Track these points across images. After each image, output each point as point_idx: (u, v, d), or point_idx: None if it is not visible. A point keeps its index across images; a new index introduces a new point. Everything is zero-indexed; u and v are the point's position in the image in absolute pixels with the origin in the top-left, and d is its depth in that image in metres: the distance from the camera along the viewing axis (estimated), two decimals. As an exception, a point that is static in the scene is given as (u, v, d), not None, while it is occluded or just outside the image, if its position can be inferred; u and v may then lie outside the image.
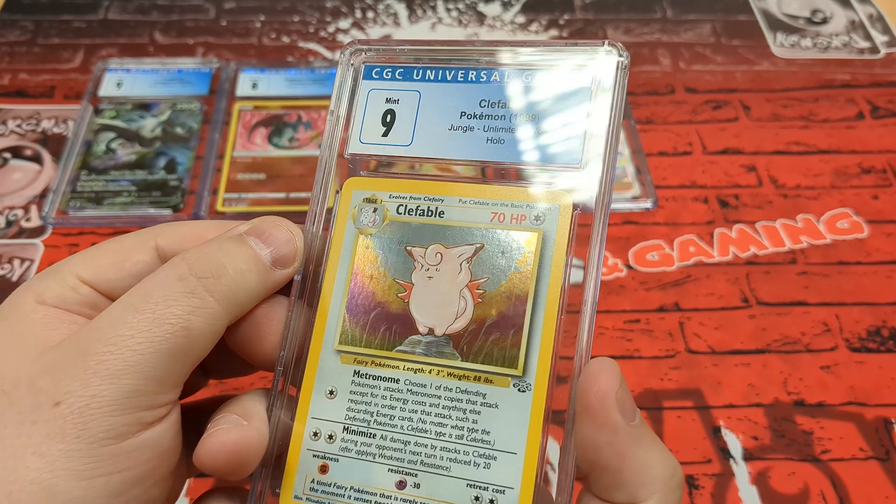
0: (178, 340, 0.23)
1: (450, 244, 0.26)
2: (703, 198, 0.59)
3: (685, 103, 0.66)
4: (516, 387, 0.25)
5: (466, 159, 0.27)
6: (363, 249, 0.27)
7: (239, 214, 0.57)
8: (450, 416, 0.25)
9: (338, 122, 0.28)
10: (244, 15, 0.75)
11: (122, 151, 0.61)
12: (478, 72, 0.27)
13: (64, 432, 0.22)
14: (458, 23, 0.74)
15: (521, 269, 0.25)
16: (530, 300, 0.25)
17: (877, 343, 0.50)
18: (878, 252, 0.55)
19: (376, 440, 0.25)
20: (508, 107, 0.27)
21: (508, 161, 0.27)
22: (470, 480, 0.24)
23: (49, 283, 0.25)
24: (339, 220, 0.28)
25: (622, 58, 0.26)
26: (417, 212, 0.27)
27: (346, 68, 0.29)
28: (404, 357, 0.26)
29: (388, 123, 0.28)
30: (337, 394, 0.26)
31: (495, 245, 0.26)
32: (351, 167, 0.28)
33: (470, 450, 0.24)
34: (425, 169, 0.28)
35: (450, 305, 0.26)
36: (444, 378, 0.25)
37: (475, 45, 0.28)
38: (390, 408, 0.25)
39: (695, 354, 0.50)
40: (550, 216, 0.26)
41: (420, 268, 0.26)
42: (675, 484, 0.23)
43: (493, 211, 0.26)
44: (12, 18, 0.74)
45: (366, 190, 0.28)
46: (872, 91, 0.67)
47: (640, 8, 0.76)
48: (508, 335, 0.25)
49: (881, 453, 0.45)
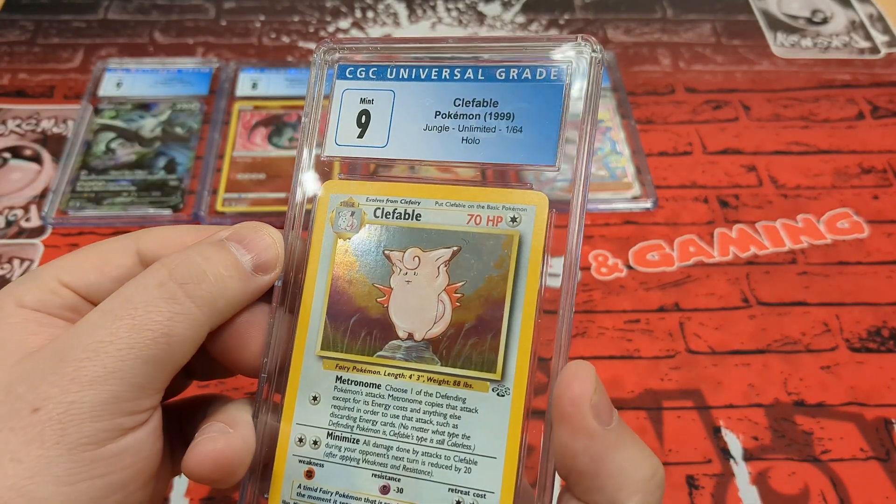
0: (159, 347, 0.23)
1: (427, 247, 0.26)
2: (703, 198, 0.59)
3: (685, 103, 0.66)
4: (495, 391, 0.25)
5: (442, 160, 0.27)
6: (342, 254, 0.27)
7: (239, 214, 0.57)
8: (430, 420, 0.25)
9: (313, 124, 0.28)
10: (244, 15, 0.75)
11: (121, 151, 0.61)
12: (451, 69, 0.27)
13: (42, 438, 0.21)
14: (459, 22, 0.74)
15: (498, 272, 0.25)
16: (507, 303, 0.25)
17: (877, 343, 0.50)
18: (878, 252, 0.55)
19: (360, 445, 0.25)
20: (482, 105, 0.26)
21: (484, 161, 0.26)
22: (451, 485, 0.24)
23: (29, 287, 0.25)
24: (317, 225, 0.27)
25: (595, 53, 0.25)
26: (394, 215, 0.27)
27: (319, 68, 0.28)
28: (385, 362, 0.26)
29: (363, 124, 0.27)
30: (320, 400, 0.26)
31: (472, 248, 0.26)
32: (327, 170, 0.28)
33: (451, 454, 0.25)
34: (402, 171, 0.27)
35: (428, 310, 0.26)
36: (424, 383, 0.25)
37: (448, 42, 0.27)
38: (372, 413, 0.25)
39: (695, 354, 0.50)
40: (527, 217, 0.25)
41: (398, 272, 0.26)
42: (655, 484, 0.23)
43: (469, 213, 0.26)
44: (12, 18, 0.74)
45: (343, 193, 0.27)
46: (873, 91, 0.67)
47: (640, 8, 0.76)
48: (487, 339, 0.25)
49: (881, 453, 0.45)
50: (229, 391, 0.46)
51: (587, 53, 0.25)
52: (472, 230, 0.26)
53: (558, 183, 0.25)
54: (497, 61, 0.26)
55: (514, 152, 0.26)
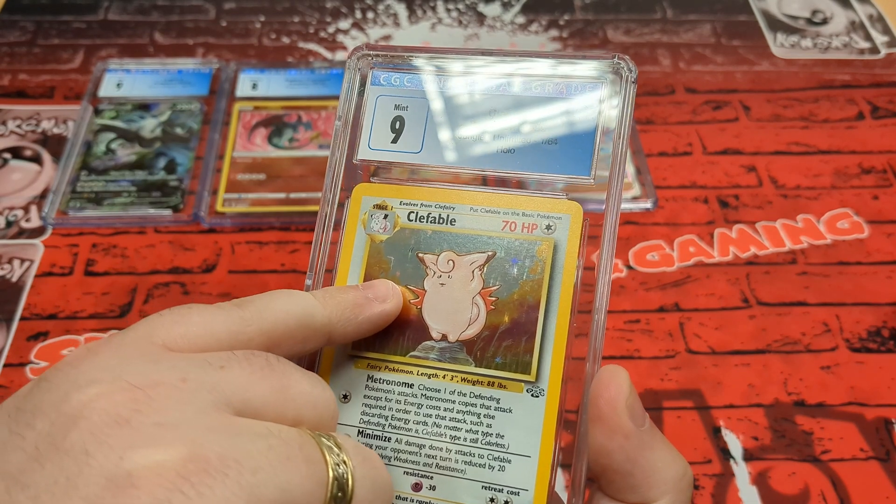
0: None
1: (461, 251, 0.27)
2: (703, 198, 0.59)
3: (685, 104, 0.66)
4: (529, 392, 0.25)
5: (477, 168, 0.27)
6: (374, 255, 0.27)
7: (239, 214, 0.57)
8: (464, 420, 0.25)
9: (346, 128, 0.28)
10: (244, 15, 0.75)
11: (122, 152, 0.61)
12: (487, 81, 0.28)
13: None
14: (458, 23, 0.74)
15: (533, 278, 0.26)
16: (542, 307, 0.26)
17: (877, 343, 0.50)
18: (878, 252, 0.55)
19: (391, 444, 0.26)
20: (518, 117, 0.27)
21: (519, 171, 0.27)
22: (485, 482, 0.25)
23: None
24: (349, 226, 0.28)
25: (631, 72, 0.26)
26: (429, 219, 0.27)
27: (353, 73, 0.29)
28: (418, 362, 0.26)
29: (397, 130, 0.28)
30: (351, 398, 0.26)
31: (507, 253, 0.26)
32: (360, 173, 0.29)
33: (485, 453, 0.25)
34: (435, 176, 0.28)
35: (463, 312, 0.26)
36: (458, 383, 0.26)
37: (484, 55, 0.28)
38: (405, 412, 0.26)
39: (695, 355, 0.50)
40: (561, 226, 0.26)
41: (432, 274, 0.27)
42: (685, 484, 0.24)
43: (504, 219, 0.27)
44: (12, 19, 0.74)
45: (376, 196, 0.28)
46: (872, 91, 0.67)
47: (640, 8, 0.76)
48: (521, 342, 0.25)
49: (881, 453, 0.45)
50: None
51: (623, 72, 0.26)
52: (507, 236, 0.27)
53: (592, 194, 0.26)
54: (534, 75, 0.27)
55: (549, 163, 0.27)
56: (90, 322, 0.51)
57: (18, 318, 0.51)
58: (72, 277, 0.54)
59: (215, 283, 0.53)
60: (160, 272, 0.54)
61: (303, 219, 0.57)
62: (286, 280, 0.53)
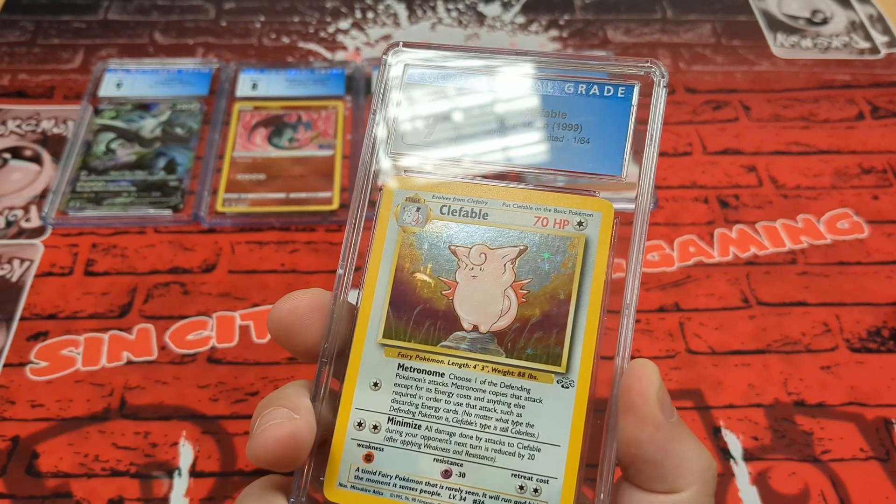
0: None
1: (494, 245, 0.27)
2: (703, 198, 0.59)
3: (685, 103, 0.66)
4: (560, 383, 0.26)
5: (509, 164, 0.28)
6: (407, 247, 0.28)
7: (239, 215, 0.57)
8: (494, 409, 0.26)
9: (381, 122, 0.29)
10: (244, 15, 0.75)
11: (121, 152, 0.61)
12: (521, 80, 0.29)
13: None
14: (458, 23, 0.74)
15: (565, 272, 0.27)
16: (573, 301, 0.27)
17: (877, 343, 0.50)
18: (878, 252, 0.55)
19: (421, 431, 0.26)
20: (551, 116, 0.28)
21: (552, 168, 0.28)
22: (514, 470, 0.25)
23: None
24: (381, 218, 0.28)
25: (663, 77, 0.28)
26: (461, 213, 0.28)
27: (387, 69, 0.29)
28: (449, 352, 0.27)
29: (430, 126, 0.29)
30: (381, 386, 0.27)
31: (539, 248, 0.27)
32: (393, 167, 0.29)
33: (514, 441, 0.26)
34: (468, 171, 0.29)
35: (494, 304, 0.27)
36: (489, 373, 0.26)
37: (518, 55, 0.29)
38: (435, 400, 0.26)
39: (695, 355, 0.50)
40: (593, 223, 0.27)
41: (464, 266, 0.27)
42: (711, 475, 0.25)
43: (536, 215, 0.27)
44: (12, 19, 0.74)
45: (408, 189, 0.28)
46: (872, 91, 0.67)
47: (640, 8, 0.76)
48: (552, 334, 0.26)
49: (881, 454, 0.45)
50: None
51: (655, 76, 0.28)
52: (539, 231, 0.27)
53: (624, 192, 0.28)
54: (567, 76, 0.28)
55: (581, 161, 0.28)
56: (90, 322, 0.51)
57: (18, 318, 0.51)
58: (72, 277, 0.54)
59: (215, 283, 0.53)
60: (160, 272, 0.54)
61: (303, 219, 0.57)
62: (286, 280, 0.53)
